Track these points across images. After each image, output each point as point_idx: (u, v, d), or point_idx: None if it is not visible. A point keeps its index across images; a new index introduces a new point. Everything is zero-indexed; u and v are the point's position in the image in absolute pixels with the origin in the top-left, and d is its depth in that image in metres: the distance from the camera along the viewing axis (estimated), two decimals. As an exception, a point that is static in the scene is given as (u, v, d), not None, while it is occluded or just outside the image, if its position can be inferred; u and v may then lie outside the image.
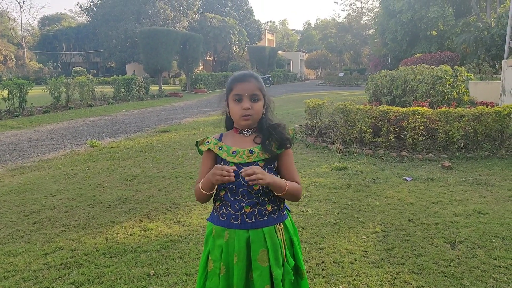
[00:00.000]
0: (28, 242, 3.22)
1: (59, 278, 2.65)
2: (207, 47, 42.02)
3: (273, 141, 1.56)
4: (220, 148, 1.57)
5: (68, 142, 8.03)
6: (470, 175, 4.96)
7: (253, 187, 1.51)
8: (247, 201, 1.51)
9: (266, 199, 1.54)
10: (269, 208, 1.54)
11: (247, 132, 1.60)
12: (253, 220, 1.51)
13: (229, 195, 1.53)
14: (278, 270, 1.51)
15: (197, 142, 1.64)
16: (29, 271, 2.74)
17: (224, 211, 1.54)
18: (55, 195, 4.46)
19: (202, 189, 1.53)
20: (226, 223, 1.53)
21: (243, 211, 1.51)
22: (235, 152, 1.54)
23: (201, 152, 1.63)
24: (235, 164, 1.52)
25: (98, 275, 2.68)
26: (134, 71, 35.62)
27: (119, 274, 2.68)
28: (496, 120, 5.97)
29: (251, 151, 1.53)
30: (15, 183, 5.04)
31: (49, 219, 3.73)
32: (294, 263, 1.59)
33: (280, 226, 1.56)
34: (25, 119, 11.30)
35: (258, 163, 1.53)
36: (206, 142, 1.60)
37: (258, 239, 1.51)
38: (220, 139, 1.61)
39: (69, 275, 2.70)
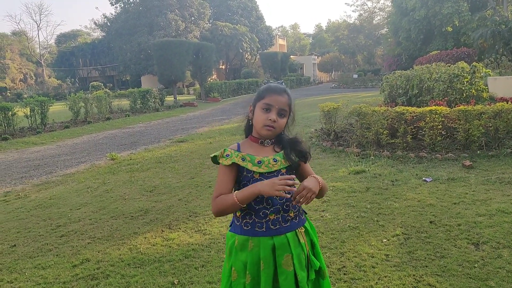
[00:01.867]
0: (57, 255, 3.33)
1: (88, 290, 2.74)
2: (219, 55, 42.40)
3: (292, 153, 1.61)
4: (243, 159, 1.56)
5: (89, 156, 8.24)
6: (493, 173, 4.86)
7: None
8: (271, 208, 1.54)
9: (290, 205, 1.57)
10: (292, 214, 1.58)
11: (267, 142, 1.63)
12: (277, 226, 1.55)
13: (252, 203, 1.54)
14: (303, 273, 1.55)
15: (215, 156, 1.60)
16: (59, 283, 2.84)
17: (248, 220, 1.56)
18: (79, 208, 4.59)
19: (240, 201, 1.49)
20: (251, 231, 1.55)
21: (268, 218, 1.54)
22: (260, 162, 1.56)
23: (217, 162, 1.59)
24: (260, 173, 1.55)
25: (125, 285, 2.75)
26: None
27: (144, 284, 2.75)
28: (517, 116, 5.84)
29: (275, 160, 1.57)
30: (41, 197, 5.21)
31: (75, 231, 3.85)
32: (319, 264, 1.62)
33: (301, 229, 1.61)
34: (47, 135, 11.65)
35: (281, 170, 1.57)
36: (226, 155, 1.58)
37: (282, 245, 1.54)
38: (238, 149, 1.60)
39: (97, 286, 2.78)
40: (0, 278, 2.98)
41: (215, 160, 1.60)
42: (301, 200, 1.46)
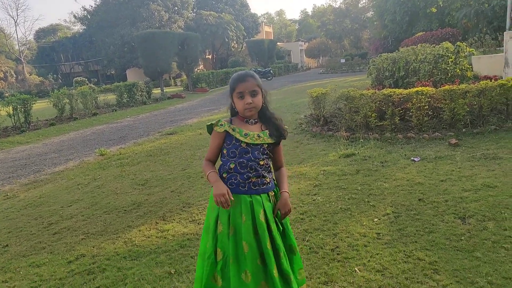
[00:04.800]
0: (51, 252, 3.33)
1: (85, 284, 2.76)
2: (205, 45, 41.95)
3: (274, 130, 1.97)
4: (233, 130, 1.92)
5: (77, 153, 8.16)
6: (478, 150, 4.97)
7: (260, 161, 1.91)
8: (253, 173, 1.90)
9: (266, 172, 1.95)
10: (267, 180, 1.96)
11: (251, 122, 1.97)
12: (256, 187, 1.92)
13: (238, 168, 1.90)
14: (273, 224, 1.91)
15: (211, 124, 1.95)
16: (55, 280, 2.85)
17: (233, 180, 1.91)
18: (71, 205, 4.58)
19: (207, 178, 1.93)
20: (235, 190, 1.89)
21: (250, 180, 1.90)
22: (247, 134, 1.92)
23: (210, 131, 1.97)
24: (246, 143, 1.90)
25: (122, 278, 2.78)
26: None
27: (141, 275, 2.78)
28: (501, 94, 5.94)
29: (259, 136, 1.94)
30: (31, 197, 5.16)
31: (68, 228, 3.84)
32: (282, 228, 1.98)
33: (272, 193, 1.99)
34: (32, 134, 11.47)
35: (263, 145, 1.93)
36: (220, 125, 1.93)
37: (258, 202, 1.90)
38: (231, 122, 1.96)
39: (94, 280, 2.80)
40: (-5, 278, 2.98)
41: (210, 129, 1.97)
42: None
